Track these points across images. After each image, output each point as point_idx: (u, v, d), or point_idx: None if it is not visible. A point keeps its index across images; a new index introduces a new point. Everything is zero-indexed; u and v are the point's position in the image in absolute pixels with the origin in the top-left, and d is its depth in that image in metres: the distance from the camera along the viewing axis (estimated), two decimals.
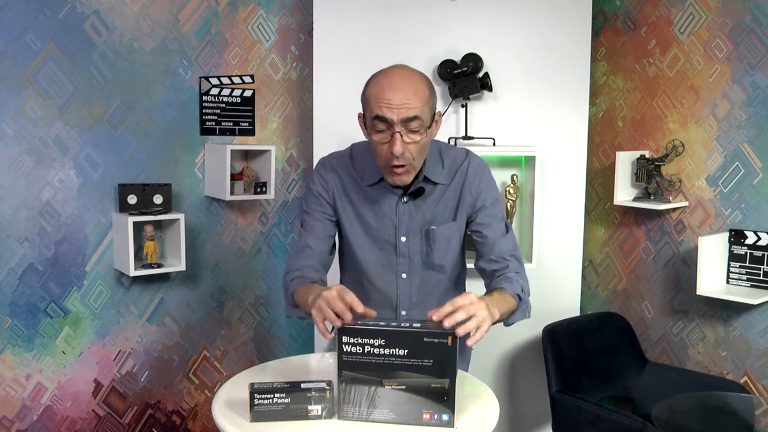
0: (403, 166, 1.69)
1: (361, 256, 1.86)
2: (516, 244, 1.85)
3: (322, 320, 1.47)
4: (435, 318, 1.43)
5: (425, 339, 1.41)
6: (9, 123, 2.48)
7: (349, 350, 1.43)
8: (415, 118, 1.63)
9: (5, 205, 2.51)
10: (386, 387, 1.44)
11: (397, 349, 1.42)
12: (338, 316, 1.44)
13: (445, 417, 1.45)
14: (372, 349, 1.42)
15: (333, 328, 1.47)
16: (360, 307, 1.44)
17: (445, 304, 1.45)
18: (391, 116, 1.62)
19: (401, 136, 1.64)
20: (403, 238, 1.82)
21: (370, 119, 1.67)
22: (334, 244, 1.90)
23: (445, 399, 1.44)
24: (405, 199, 1.81)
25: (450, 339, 1.40)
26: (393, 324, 1.43)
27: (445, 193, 1.83)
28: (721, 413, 2.35)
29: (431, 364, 1.42)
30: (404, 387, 1.44)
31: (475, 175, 1.83)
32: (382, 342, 1.42)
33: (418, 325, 1.43)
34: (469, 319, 1.43)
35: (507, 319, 1.72)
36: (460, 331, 1.41)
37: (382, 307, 1.84)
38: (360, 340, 1.42)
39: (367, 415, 1.46)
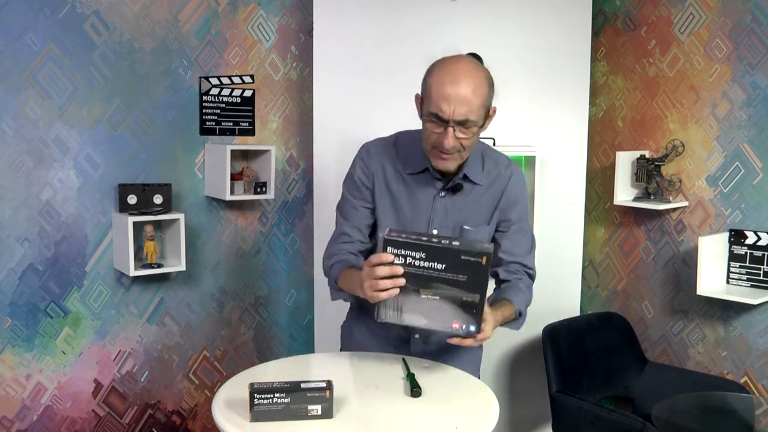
0: (450, 153, 1.72)
1: None
2: (534, 261, 1.91)
3: (388, 296, 1.55)
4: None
5: (462, 257, 1.51)
6: (9, 123, 2.49)
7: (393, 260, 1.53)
8: (468, 120, 1.67)
9: (5, 205, 2.51)
10: (422, 296, 1.54)
11: (436, 263, 1.52)
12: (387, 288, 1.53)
13: (472, 328, 1.57)
14: (413, 261, 1.52)
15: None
16: (389, 257, 1.52)
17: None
18: (447, 116, 1.66)
19: (454, 131, 1.68)
20: (435, 231, 1.83)
21: (427, 110, 1.70)
22: (372, 232, 1.91)
23: (474, 312, 1.55)
24: (443, 193, 1.82)
25: (484, 259, 1.51)
26: (434, 240, 1.53)
27: (483, 196, 1.84)
28: (721, 413, 2.35)
29: (465, 279, 1.52)
30: (438, 297, 1.54)
31: (516, 184, 1.87)
32: (423, 255, 1.52)
33: (457, 243, 1.52)
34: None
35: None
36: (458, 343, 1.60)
37: None
38: (404, 252, 1.52)
39: (402, 318, 1.57)
